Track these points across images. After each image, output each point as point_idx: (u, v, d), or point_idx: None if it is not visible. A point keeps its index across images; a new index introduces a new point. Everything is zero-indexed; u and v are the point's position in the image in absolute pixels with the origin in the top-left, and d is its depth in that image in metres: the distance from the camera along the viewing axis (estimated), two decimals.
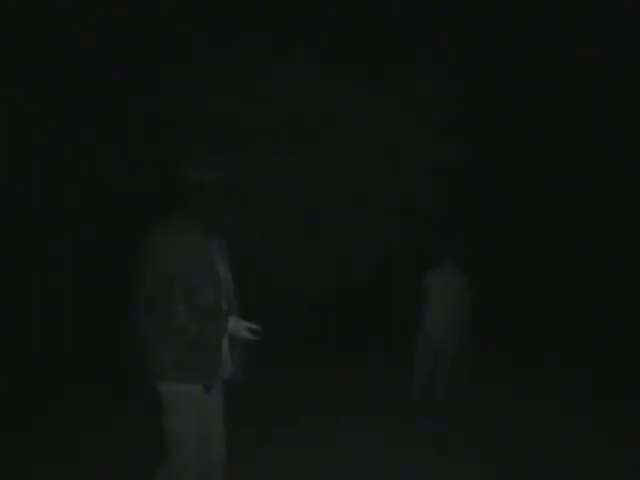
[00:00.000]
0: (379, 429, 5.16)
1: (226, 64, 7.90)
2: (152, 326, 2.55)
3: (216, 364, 2.71)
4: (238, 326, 2.71)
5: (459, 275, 5.82)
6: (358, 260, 8.67)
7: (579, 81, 10.34)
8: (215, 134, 8.05)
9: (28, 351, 7.09)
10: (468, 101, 8.64)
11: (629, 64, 10.05)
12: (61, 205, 7.85)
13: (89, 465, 4.09)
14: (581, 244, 11.46)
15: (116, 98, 7.42)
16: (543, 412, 5.91)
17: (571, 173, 11.13)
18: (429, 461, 4.42)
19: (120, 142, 7.69)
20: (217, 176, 2.69)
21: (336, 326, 9.47)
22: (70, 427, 4.87)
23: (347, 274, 8.67)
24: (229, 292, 2.82)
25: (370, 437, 4.94)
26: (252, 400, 5.98)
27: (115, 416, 5.15)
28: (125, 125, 7.60)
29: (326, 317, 9.29)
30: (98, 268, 7.88)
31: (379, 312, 10.33)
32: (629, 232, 10.93)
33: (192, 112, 7.92)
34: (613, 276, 11.28)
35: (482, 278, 10.24)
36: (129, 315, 2.65)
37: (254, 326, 2.74)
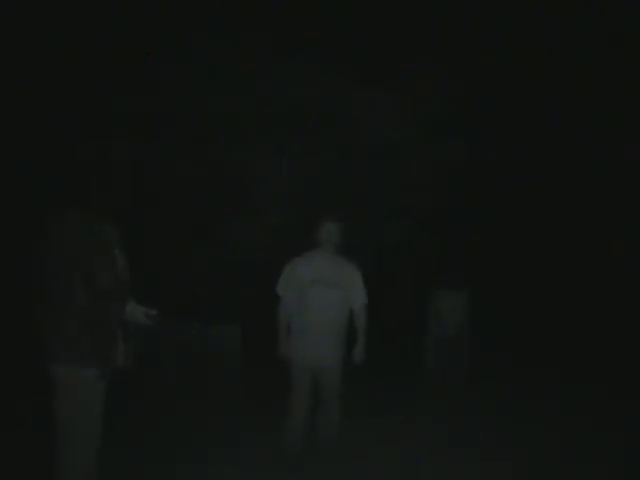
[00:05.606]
0: (378, 429, 5.16)
1: (226, 64, 7.90)
2: (48, 309, 2.63)
3: (113, 349, 2.73)
4: (136, 312, 2.76)
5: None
6: (357, 260, 8.65)
7: (581, 80, 10.34)
8: (215, 134, 8.06)
9: None
10: (468, 101, 8.64)
11: (630, 63, 10.05)
12: None
13: None
14: (582, 243, 11.46)
15: (113, 97, 7.41)
16: (543, 412, 5.91)
17: (572, 173, 11.13)
18: (429, 461, 4.42)
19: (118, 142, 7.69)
20: (109, 163, 2.80)
21: None
22: None
23: None
24: (125, 278, 2.86)
25: (370, 437, 4.94)
26: (249, 400, 5.99)
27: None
28: (125, 125, 7.60)
29: None
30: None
31: (378, 312, 10.30)
32: (630, 232, 10.93)
33: (191, 111, 7.92)
34: (613, 275, 11.27)
35: (482, 278, 10.25)
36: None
37: (152, 312, 2.76)
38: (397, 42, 8.47)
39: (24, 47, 7.52)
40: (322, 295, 4.12)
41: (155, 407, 5.53)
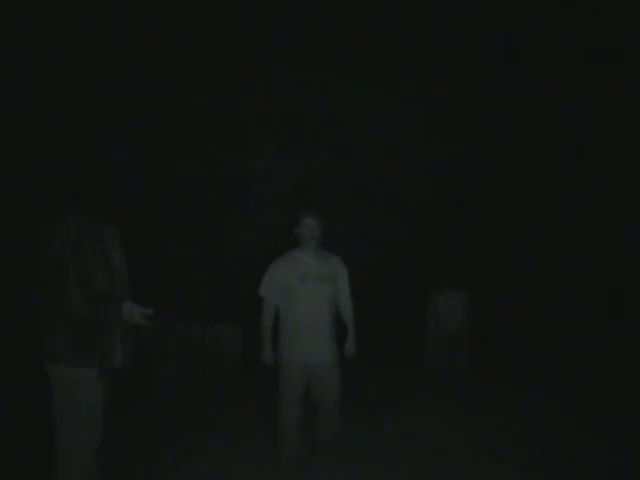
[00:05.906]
0: (378, 429, 5.16)
1: (226, 64, 7.91)
2: (46, 309, 2.62)
3: (111, 349, 2.73)
4: (132, 312, 2.75)
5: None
6: (358, 260, 8.66)
7: (581, 81, 10.35)
8: (215, 134, 8.06)
9: None
10: (468, 101, 8.64)
11: (630, 62, 10.05)
12: None
13: None
14: (582, 243, 11.47)
15: (113, 97, 7.42)
16: (543, 412, 5.91)
17: (572, 173, 11.13)
18: (429, 461, 4.42)
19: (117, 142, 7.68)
20: (108, 163, 2.80)
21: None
22: None
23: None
24: (123, 278, 2.86)
25: (370, 437, 4.93)
26: (249, 400, 5.99)
27: None
28: (125, 125, 7.61)
29: None
30: None
31: (378, 312, 10.32)
32: (630, 232, 10.93)
33: (191, 112, 7.92)
34: (613, 275, 11.28)
35: (482, 278, 10.26)
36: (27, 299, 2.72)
37: (148, 311, 2.76)
38: (397, 42, 8.46)
39: (24, 47, 7.52)
40: (313, 291, 3.98)
41: (155, 407, 5.53)
